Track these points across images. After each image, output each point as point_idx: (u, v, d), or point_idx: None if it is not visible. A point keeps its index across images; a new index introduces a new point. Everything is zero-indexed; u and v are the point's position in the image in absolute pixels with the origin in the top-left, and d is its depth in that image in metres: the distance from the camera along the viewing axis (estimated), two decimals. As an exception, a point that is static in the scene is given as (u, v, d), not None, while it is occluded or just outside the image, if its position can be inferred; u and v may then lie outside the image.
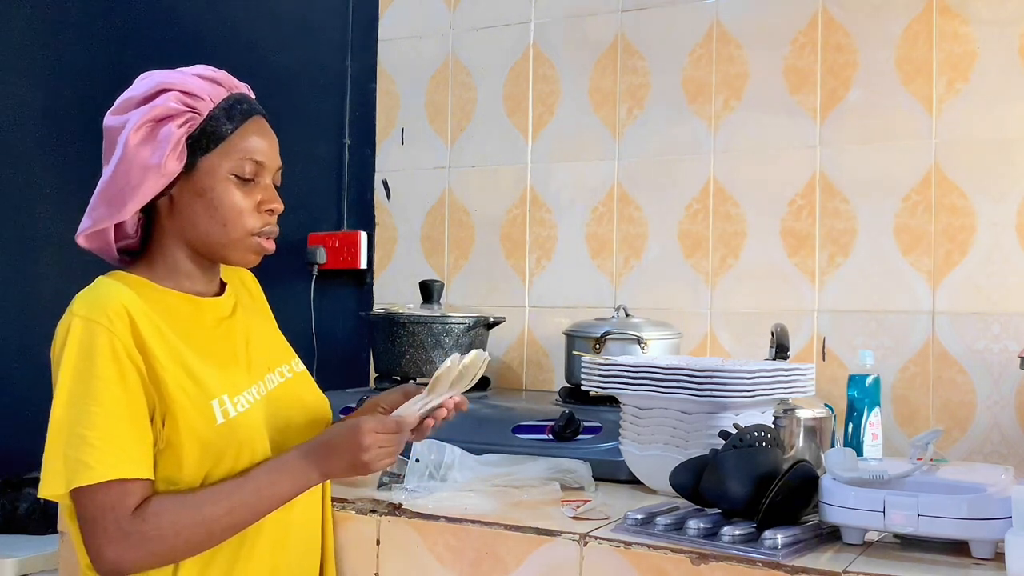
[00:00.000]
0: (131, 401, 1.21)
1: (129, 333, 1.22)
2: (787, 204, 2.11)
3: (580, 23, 2.35)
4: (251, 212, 1.32)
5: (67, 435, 1.18)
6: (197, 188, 1.30)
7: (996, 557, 1.22)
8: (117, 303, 1.23)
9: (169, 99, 1.28)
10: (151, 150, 1.26)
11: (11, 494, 2.67)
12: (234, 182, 1.31)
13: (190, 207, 1.31)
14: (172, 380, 1.24)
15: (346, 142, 2.62)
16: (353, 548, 1.52)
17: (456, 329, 2.15)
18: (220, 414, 1.26)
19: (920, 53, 2.00)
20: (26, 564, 2.42)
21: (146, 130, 1.27)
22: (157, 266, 1.34)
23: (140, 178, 1.26)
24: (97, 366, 1.20)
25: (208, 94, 1.30)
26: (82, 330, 1.21)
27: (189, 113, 1.28)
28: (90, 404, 1.19)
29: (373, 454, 1.25)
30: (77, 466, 1.17)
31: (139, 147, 1.26)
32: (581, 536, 1.36)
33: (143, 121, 1.27)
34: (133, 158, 1.26)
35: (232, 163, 1.31)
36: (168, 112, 1.27)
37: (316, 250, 2.56)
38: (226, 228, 1.31)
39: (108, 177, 1.28)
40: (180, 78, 1.31)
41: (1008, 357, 1.89)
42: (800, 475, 1.33)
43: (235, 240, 1.32)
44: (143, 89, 1.30)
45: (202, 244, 1.33)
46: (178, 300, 1.33)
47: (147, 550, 1.19)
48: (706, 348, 2.17)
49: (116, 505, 1.18)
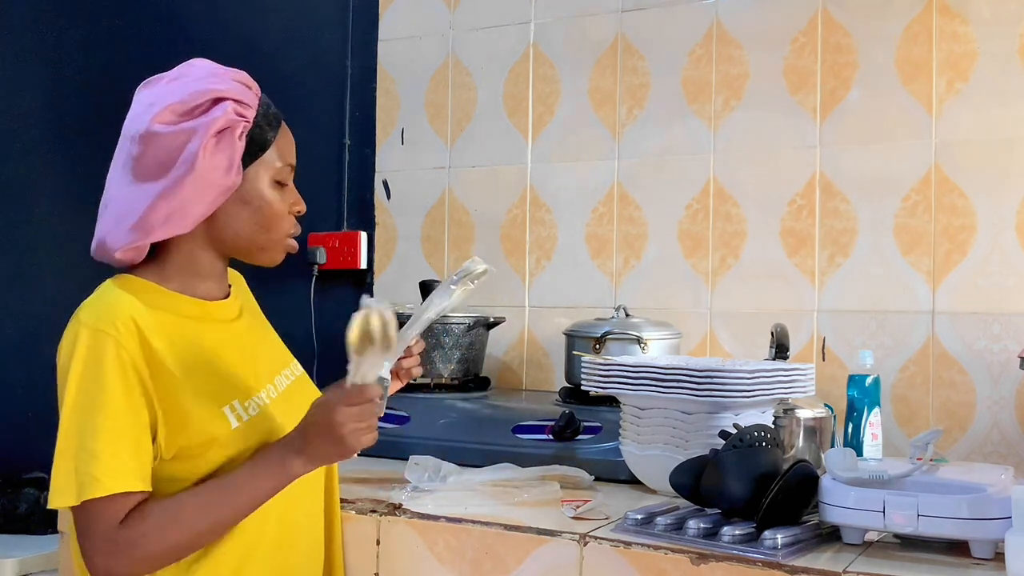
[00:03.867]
0: (135, 413, 1.21)
1: (137, 344, 1.22)
2: (787, 204, 2.11)
3: (580, 23, 2.35)
4: (286, 216, 1.34)
5: (75, 447, 1.18)
6: (244, 196, 1.30)
7: (996, 557, 1.22)
8: (125, 314, 1.23)
9: (227, 110, 1.26)
10: (222, 165, 1.26)
11: (11, 494, 2.67)
12: (275, 187, 1.32)
13: (233, 214, 1.30)
14: (182, 390, 1.23)
15: (346, 142, 2.62)
16: (353, 548, 1.52)
17: (456, 329, 2.15)
18: (234, 419, 1.26)
19: (920, 53, 2.00)
20: (26, 564, 2.43)
21: (213, 143, 1.25)
22: (168, 269, 1.32)
23: (209, 193, 1.26)
24: (104, 376, 1.19)
25: (251, 100, 1.30)
26: (90, 340, 1.20)
27: (244, 122, 1.28)
28: (97, 415, 1.18)
29: (349, 428, 1.17)
30: (86, 479, 1.17)
31: (210, 161, 1.25)
32: (581, 536, 1.36)
33: (211, 133, 1.25)
34: (205, 173, 1.24)
35: (274, 170, 1.32)
36: (229, 123, 1.26)
37: (316, 250, 2.56)
38: (269, 233, 1.33)
39: (168, 190, 1.25)
40: (228, 85, 1.29)
41: (1008, 357, 1.89)
42: (800, 475, 1.33)
43: (274, 242, 1.34)
44: (192, 96, 1.27)
45: (238, 248, 1.33)
46: (187, 305, 1.32)
47: (134, 556, 1.19)
48: (706, 348, 2.17)
49: (108, 516, 1.18)
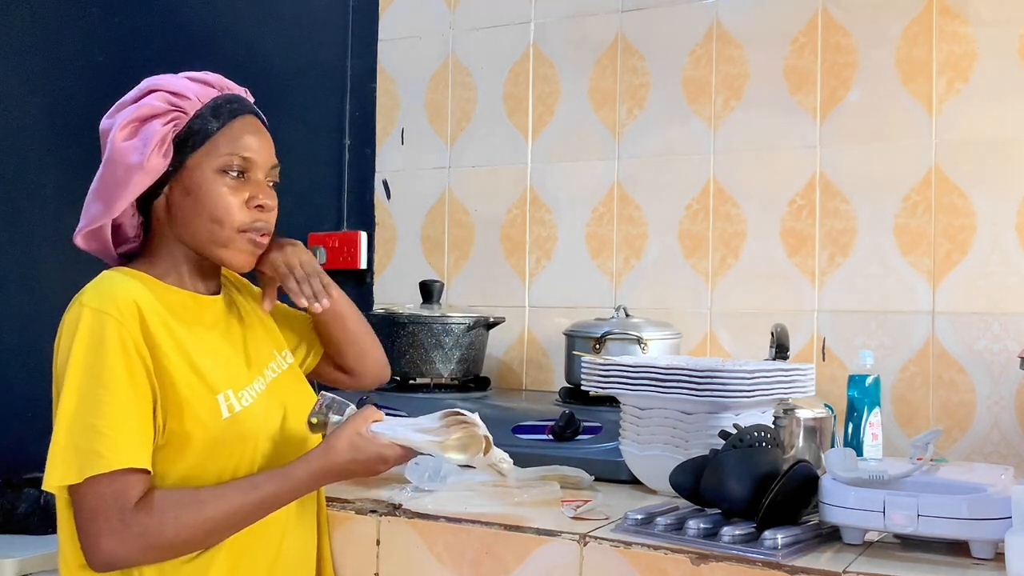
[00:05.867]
0: (138, 393, 1.21)
1: (138, 326, 1.23)
2: (787, 204, 2.11)
3: (580, 23, 2.35)
4: (240, 208, 1.32)
5: (78, 425, 1.18)
6: (186, 186, 1.31)
7: (996, 557, 1.22)
8: (127, 295, 1.24)
9: (155, 98, 1.30)
10: (134, 148, 1.28)
11: (11, 494, 2.67)
12: (222, 179, 1.32)
13: (181, 206, 1.32)
14: (178, 374, 1.25)
15: (346, 142, 2.62)
16: (353, 548, 1.52)
17: (456, 329, 2.15)
18: (226, 408, 1.28)
19: (920, 53, 2.00)
20: (26, 564, 2.42)
21: (131, 129, 1.29)
22: (157, 265, 1.34)
23: (126, 176, 1.28)
24: (107, 356, 1.20)
25: (196, 94, 1.32)
26: (92, 320, 1.21)
27: (175, 112, 1.30)
28: (101, 394, 1.19)
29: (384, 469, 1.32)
30: (90, 455, 1.17)
31: (124, 145, 1.29)
32: (581, 536, 1.36)
33: (128, 120, 1.29)
34: (119, 157, 1.29)
35: (219, 160, 1.32)
36: (153, 111, 1.29)
37: (316, 250, 2.56)
38: (216, 225, 1.31)
39: (99, 176, 1.31)
40: (169, 79, 1.33)
41: (1008, 357, 1.89)
42: (800, 475, 1.33)
43: (226, 238, 1.32)
44: (134, 91, 1.33)
45: (197, 244, 1.33)
46: (180, 296, 1.33)
47: (144, 543, 1.19)
48: (706, 348, 2.17)
49: (120, 496, 1.18)
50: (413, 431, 1.32)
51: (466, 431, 1.32)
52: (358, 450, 1.29)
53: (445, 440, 1.31)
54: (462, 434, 1.32)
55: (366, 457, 1.29)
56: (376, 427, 1.31)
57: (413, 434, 1.31)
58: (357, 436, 1.29)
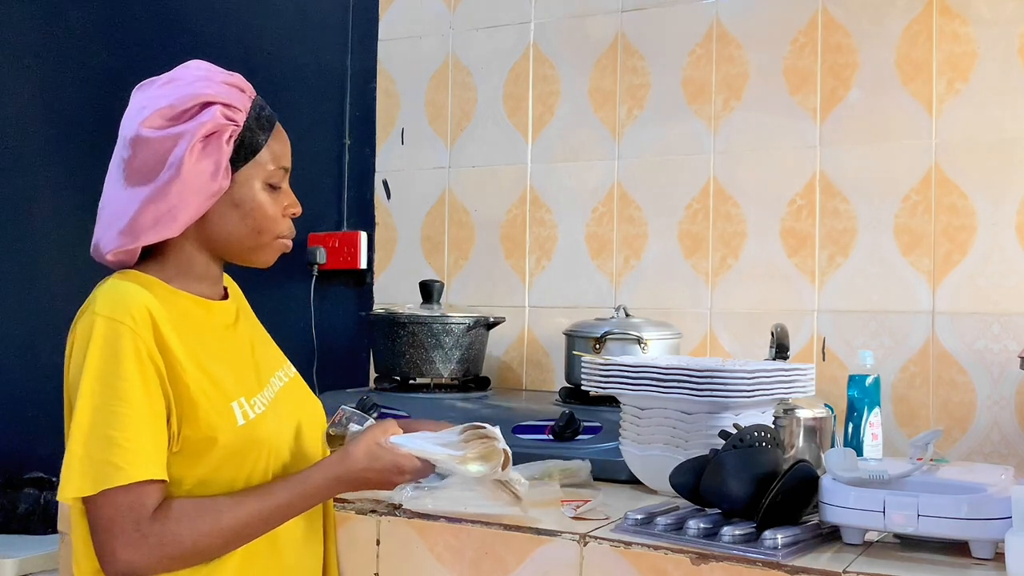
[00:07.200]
0: (153, 402, 1.21)
1: (151, 334, 1.22)
2: (787, 204, 2.11)
3: (580, 23, 2.35)
4: (280, 218, 1.34)
5: (94, 436, 1.17)
6: (234, 199, 1.30)
7: (996, 557, 1.22)
8: (140, 303, 1.23)
9: (215, 114, 1.26)
10: (208, 170, 1.26)
11: (11, 494, 2.67)
12: (268, 192, 1.32)
13: (224, 216, 1.30)
14: (193, 382, 1.24)
15: (346, 142, 2.62)
16: (353, 548, 1.52)
17: (456, 329, 2.15)
18: (240, 416, 1.27)
19: (920, 53, 2.00)
20: (26, 564, 2.43)
21: (200, 148, 1.25)
22: (168, 268, 1.32)
23: (196, 197, 1.26)
24: (122, 366, 1.19)
25: (242, 104, 1.30)
26: (106, 329, 1.20)
27: (232, 126, 1.28)
28: (116, 404, 1.18)
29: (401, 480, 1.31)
30: (106, 467, 1.16)
31: (196, 166, 1.25)
32: (581, 536, 1.36)
33: (197, 139, 1.25)
34: (190, 178, 1.25)
35: (266, 173, 1.32)
36: (216, 128, 1.26)
37: (316, 250, 2.56)
38: (259, 235, 1.33)
39: (156, 194, 1.25)
40: (217, 89, 1.29)
41: (1008, 357, 1.89)
42: (800, 475, 1.33)
43: (265, 244, 1.34)
44: (181, 101, 1.27)
45: (230, 250, 1.33)
46: (190, 302, 1.32)
47: (162, 553, 1.19)
48: (706, 348, 2.17)
49: (136, 506, 1.18)
50: (432, 443, 1.31)
51: (486, 445, 1.31)
52: (375, 458, 1.27)
53: (465, 454, 1.30)
54: (482, 448, 1.31)
55: (383, 466, 1.27)
56: (395, 439, 1.29)
57: (432, 446, 1.30)
58: (375, 445, 1.27)
